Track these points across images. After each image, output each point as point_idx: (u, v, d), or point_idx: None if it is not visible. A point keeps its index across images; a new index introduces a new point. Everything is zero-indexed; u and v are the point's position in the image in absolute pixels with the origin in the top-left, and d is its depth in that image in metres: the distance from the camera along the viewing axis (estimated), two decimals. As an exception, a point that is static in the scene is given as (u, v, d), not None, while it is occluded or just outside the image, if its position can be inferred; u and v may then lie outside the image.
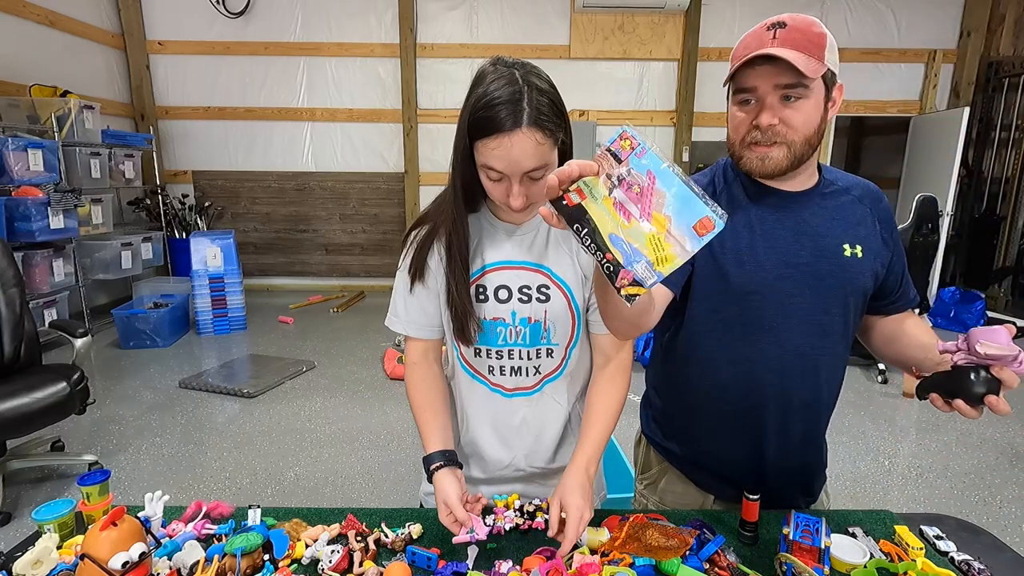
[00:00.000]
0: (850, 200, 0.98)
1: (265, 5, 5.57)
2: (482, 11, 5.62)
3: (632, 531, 0.84)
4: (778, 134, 0.86)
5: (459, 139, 0.86)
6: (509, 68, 0.83)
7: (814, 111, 0.85)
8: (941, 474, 2.57)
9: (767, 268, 0.93)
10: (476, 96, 0.82)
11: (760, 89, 0.85)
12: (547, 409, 1.04)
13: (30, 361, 2.39)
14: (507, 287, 0.97)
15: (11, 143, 3.61)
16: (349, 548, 0.86)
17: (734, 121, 0.90)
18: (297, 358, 3.99)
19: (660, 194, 0.58)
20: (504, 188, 0.85)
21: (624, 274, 0.60)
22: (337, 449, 2.77)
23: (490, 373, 1.01)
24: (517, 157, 0.80)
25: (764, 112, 0.85)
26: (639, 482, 1.20)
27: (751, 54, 0.82)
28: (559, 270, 0.97)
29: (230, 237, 4.68)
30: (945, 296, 4.98)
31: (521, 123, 0.79)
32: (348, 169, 5.94)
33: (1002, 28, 5.40)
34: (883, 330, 1.04)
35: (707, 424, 1.04)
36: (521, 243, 0.97)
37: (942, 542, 0.93)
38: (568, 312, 0.98)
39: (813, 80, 0.82)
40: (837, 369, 1.01)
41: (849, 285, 0.94)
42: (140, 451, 2.71)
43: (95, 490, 0.90)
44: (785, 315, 0.94)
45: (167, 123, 5.79)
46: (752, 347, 0.95)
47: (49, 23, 4.55)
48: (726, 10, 5.55)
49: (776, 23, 0.84)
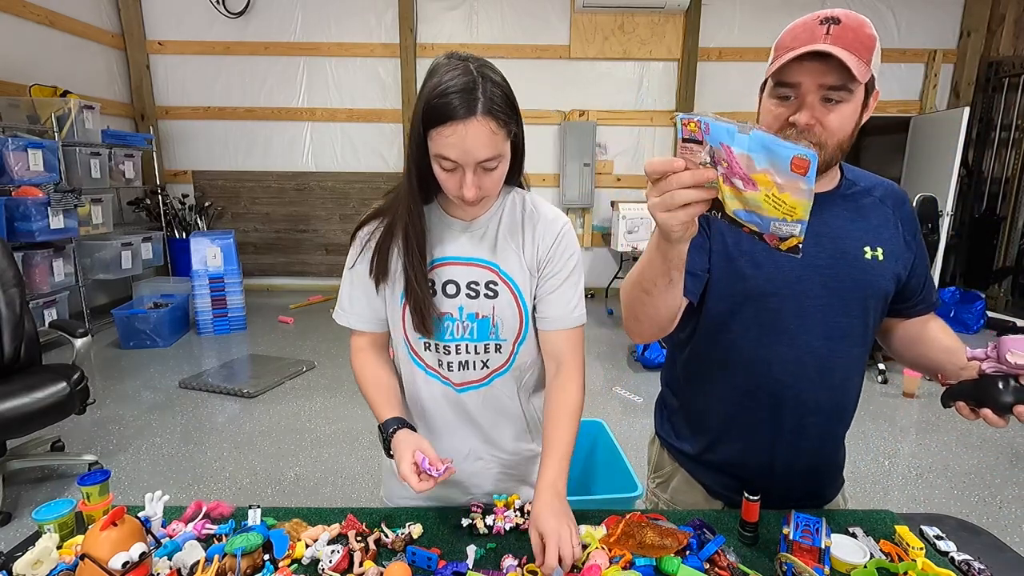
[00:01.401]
0: (872, 202, 0.96)
1: (265, 5, 5.57)
2: (482, 11, 5.62)
3: (627, 529, 0.84)
4: (813, 135, 0.83)
5: (413, 130, 0.87)
6: (463, 61, 0.84)
7: (851, 115, 0.83)
8: (941, 474, 2.57)
9: (785, 270, 0.92)
10: (431, 86, 0.82)
11: (804, 86, 0.81)
12: (498, 401, 1.04)
13: (30, 361, 2.39)
14: (455, 282, 0.97)
15: (11, 143, 3.61)
16: (349, 548, 0.86)
17: (767, 116, 0.87)
18: (297, 358, 3.99)
19: (744, 157, 0.59)
20: (458, 179, 0.86)
21: (769, 237, 0.63)
22: (337, 449, 2.76)
23: (439, 366, 1.01)
24: (471, 146, 0.81)
25: (804, 110, 0.82)
26: (651, 480, 1.19)
27: (803, 48, 0.78)
28: (507, 267, 0.98)
29: (230, 237, 4.68)
30: (945, 296, 4.98)
31: (476, 111, 0.80)
32: (348, 169, 5.93)
33: (1002, 28, 5.40)
34: (905, 333, 1.03)
35: (721, 425, 1.03)
36: (471, 239, 0.98)
37: (942, 542, 0.93)
38: (516, 308, 0.99)
39: (859, 84, 0.79)
40: (855, 372, 0.99)
41: (869, 288, 0.93)
42: (140, 451, 2.71)
43: (95, 490, 0.90)
44: (802, 317, 0.92)
45: (167, 123, 5.79)
46: (768, 348, 0.94)
47: (49, 23, 4.55)
48: (726, 10, 5.55)
49: (830, 18, 0.80)
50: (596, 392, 3.49)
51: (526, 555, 0.86)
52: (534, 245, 0.98)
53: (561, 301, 0.99)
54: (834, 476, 1.08)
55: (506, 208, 1.00)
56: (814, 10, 0.84)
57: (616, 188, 5.90)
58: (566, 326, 0.99)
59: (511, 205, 1.00)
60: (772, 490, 0.92)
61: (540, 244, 0.98)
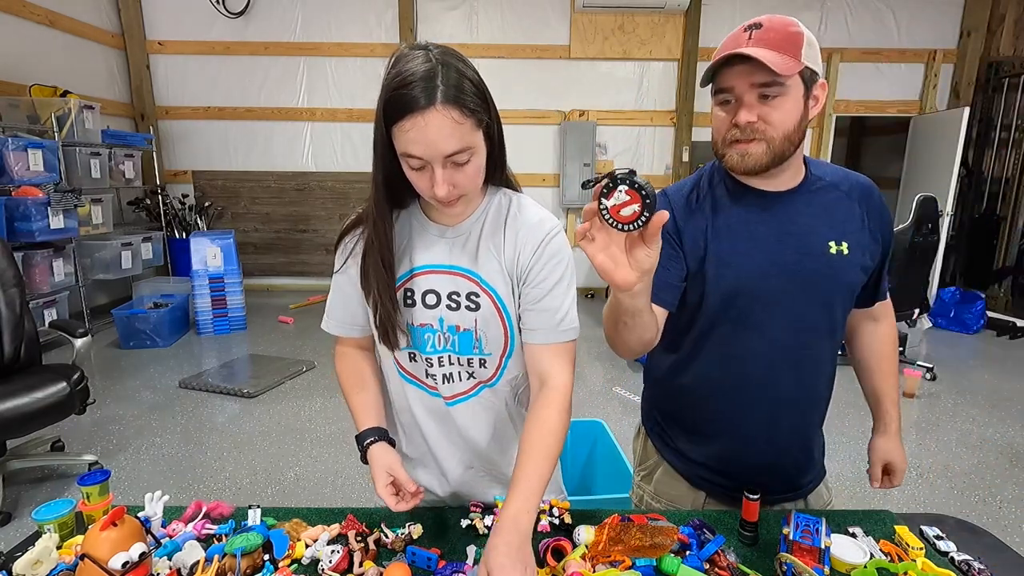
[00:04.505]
0: (838, 196, 0.98)
1: (265, 5, 5.57)
2: (482, 11, 5.62)
3: (612, 533, 0.82)
4: (757, 131, 0.88)
5: (377, 130, 0.81)
6: (424, 49, 0.78)
7: (793, 108, 0.87)
8: (941, 474, 2.57)
9: (751, 268, 0.94)
10: (389, 78, 0.77)
11: (737, 88, 0.87)
12: (490, 413, 1.00)
13: (30, 361, 2.39)
14: (435, 292, 0.92)
15: (11, 143, 3.61)
16: (349, 548, 0.86)
17: (716, 120, 0.93)
18: (297, 358, 3.99)
19: None
20: (428, 178, 0.80)
21: None
22: (337, 449, 2.76)
23: (427, 377, 0.97)
24: (434, 138, 0.75)
25: (742, 110, 0.87)
26: (636, 473, 1.21)
27: (723, 53, 0.85)
28: (488, 276, 0.91)
29: (230, 237, 4.68)
30: (945, 296, 4.98)
31: (435, 100, 0.74)
32: (348, 169, 5.94)
33: (1002, 28, 5.41)
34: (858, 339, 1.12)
35: (698, 420, 1.06)
36: (452, 246, 0.92)
37: (942, 542, 0.93)
38: (499, 320, 0.92)
39: (788, 78, 0.84)
40: (824, 364, 1.02)
41: (834, 282, 0.96)
42: (140, 451, 2.71)
43: (95, 490, 0.90)
44: (771, 313, 0.95)
45: (167, 123, 5.79)
46: (740, 344, 0.97)
47: (49, 23, 4.55)
48: (726, 10, 5.55)
49: (753, 24, 0.86)
50: (596, 392, 3.49)
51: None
52: (515, 251, 0.90)
53: (546, 313, 0.90)
54: (812, 466, 1.10)
55: (491, 212, 0.92)
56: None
57: (616, 188, 5.90)
58: (550, 340, 0.90)
59: (496, 208, 0.93)
60: (752, 481, 0.93)
61: (522, 251, 0.90)
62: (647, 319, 0.85)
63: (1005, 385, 3.65)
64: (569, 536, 0.90)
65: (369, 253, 0.90)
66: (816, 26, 5.42)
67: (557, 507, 0.97)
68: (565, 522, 0.94)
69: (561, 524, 0.94)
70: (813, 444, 1.08)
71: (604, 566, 0.81)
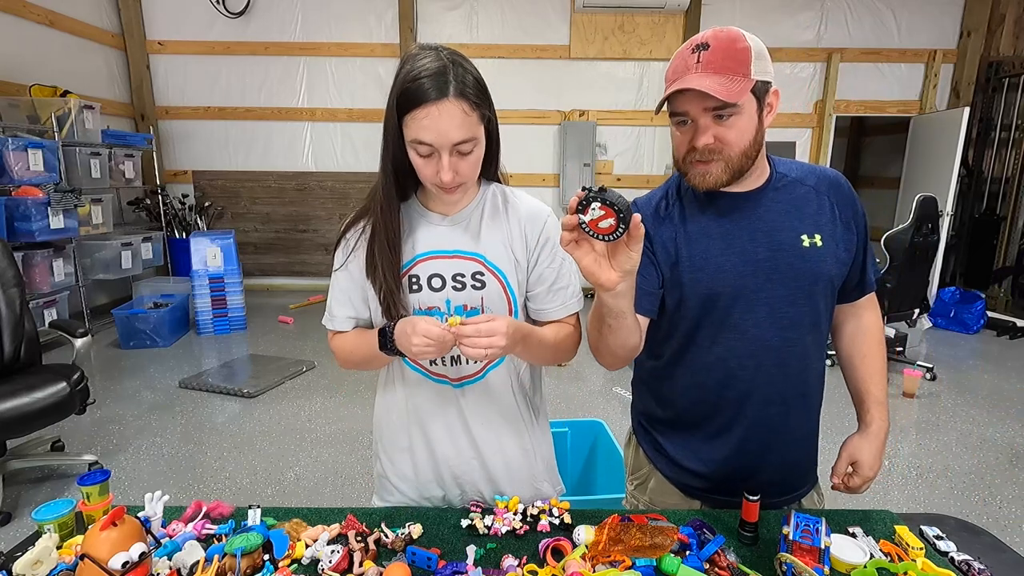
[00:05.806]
0: (806, 191, 0.99)
1: (265, 5, 5.58)
2: (482, 11, 5.62)
3: (612, 533, 0.83)
4: (714, 152, 0.89)
5: (388, 120, 0.89)
6: (434, 50, 0.87)
7: (748, 125, 0.88)
8: (941, 474, 2.57)
9: (726, 269, 0.95)
10: (404, 73, 0.85)
11: (692, 112, 0.88)
12: (496, 397, 1.04)
13: (30, 361, 2.39)
14: (440, 275, 0.97)
15: (11, 143, 3.61)
16: (349, 548, 0.86)
17: (675, 140, 0.94)
18: (297, 358, 3.99)
19: None
20: (434, 164, 0.87)
21: None
22: (337, 449, 2.77)
23: (432, 364, 1.01)
24: (445, 127, 0.83)
25: (699, 135, 0.89)
26: (630, 483, 1.20)
27: (673, 88, 0.86)
28: (493, 256, 0.98)
29: (230, 237, 4.68)
30: (945, 296, 4.98)
31: (448, 93, 0.82)
32: (348, 169, 5.94)
33: (1002, 28, 5.40)
34: (835, 319, 1.08)
35: (688, 425, 1.05)
36: (453, 231, 0.98)
37: (942, 542, 0.93)
38: (504, 298, 0.98)
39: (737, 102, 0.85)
40: (812, 359, 1.01)
41: (811, 275, 0.96)
42: (140, 451, 2.71)
43: (95, 490, 0.90)
44: (751, 312, 0.96)
45: (167, 123, 5.79)
46: (724, 346, 0.97)
47: (49, 23, 4.55)
48: (726, 10, 5.55)
49: (700, 44, 0.86)
50: (596, 392, 3.49)
51: (526, 555, 0.86)
52: (522, 236, 0.99)
53: (561, 291, 1.01)
54: (807, 466, 1.09)
55: (487, 200, 1.00)
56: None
57: (616, 188, 5.88)
58: (562, 316, 1.01)
59: (492, 197, 1.01)
60: (747, 484, 0.92)
61: (528, 236, 0.99)
62: (631, 322, 0.86)
63: (1005, 385, 3.65)
64: (569, 536, 0.90)
65: (376, 237, 0.95)
66: (816, 26, 5.40)
67: (557, 507, 0.97)
68: (565, 522, 0.94)
69: (561, 524, 0.94)
70: (809, 444, 1.08)
71: (604, 566, 0.81)
